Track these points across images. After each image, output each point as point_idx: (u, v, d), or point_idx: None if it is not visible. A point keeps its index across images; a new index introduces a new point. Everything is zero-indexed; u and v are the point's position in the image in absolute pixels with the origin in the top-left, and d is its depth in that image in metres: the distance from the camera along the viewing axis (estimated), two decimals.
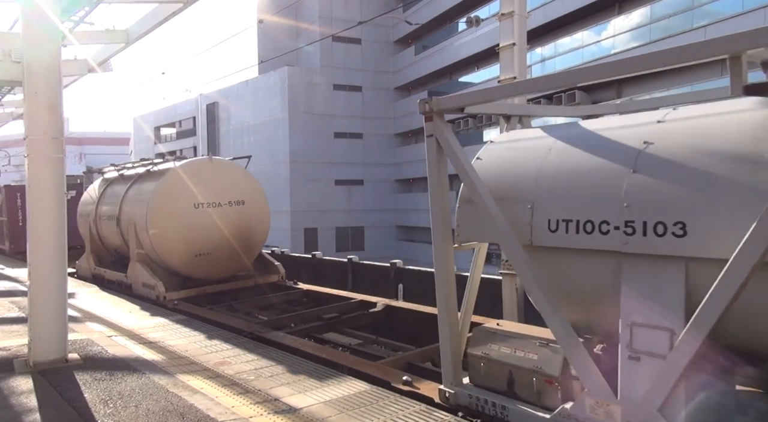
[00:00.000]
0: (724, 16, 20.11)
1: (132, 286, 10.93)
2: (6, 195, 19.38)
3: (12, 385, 5.27)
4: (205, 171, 11.04)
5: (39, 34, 5.84)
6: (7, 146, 42.44)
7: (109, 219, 11.94)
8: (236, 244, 10.96)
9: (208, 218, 10.64)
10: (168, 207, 10.44)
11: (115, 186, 12.61)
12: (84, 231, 13.36)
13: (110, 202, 12.27)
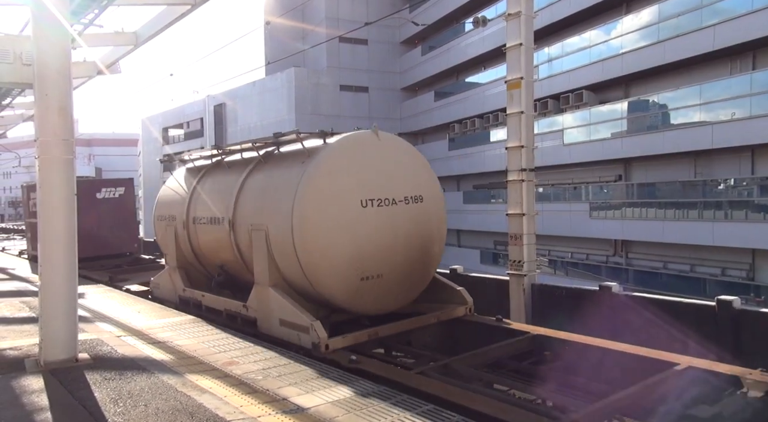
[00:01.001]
0: (733, 14, 19.94)
1: (258, 322, 7.62)
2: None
3: (23, 384, 5.33)
4: (370, 151, 7.39)
5: (49, 36, 5.90)
6: (18, 147, 42.84)
7: (214, 224, 8.68)
8: (415, 259, 7.50)
9: (380, 223, 7.13)
10: (325, 206, 6.86)
11: (217, 177, 9.24)
12: (165, 238, 10.23)
13: (213, 199, 8.92)
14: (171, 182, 10.70)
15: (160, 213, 10.51)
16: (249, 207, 7.84)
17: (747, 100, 19.82)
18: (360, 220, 6.90)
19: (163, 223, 10.23)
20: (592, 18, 26.36)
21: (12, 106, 15.26)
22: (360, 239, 6.90)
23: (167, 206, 10.29)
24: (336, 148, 7.11)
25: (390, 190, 7.22)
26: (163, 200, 10.65)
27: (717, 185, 22.14)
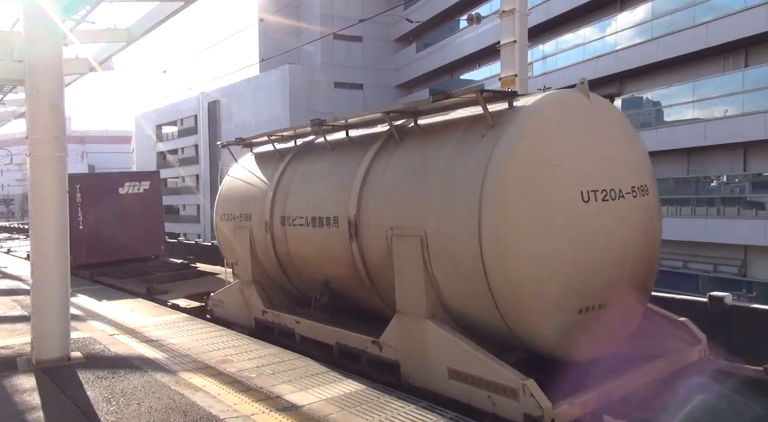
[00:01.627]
0: (727, 10, 20.03)
1: (402, 367, 5.48)
2: None
3: (15, 383, 5.30)
4: (582, 119, 5.09)
5: (40, 33, 5.85)
6: (9, 144, 42.56)
7: (318, 225, 6.54)
8: (640, 278, 5.30)
9: (606, 225, 4.93)
10: (533, 200, 4.65)
11: (317, 163, 7.15)
12: (234, 243, 8.25)
13: (316, 192, 6.79)
14: (239, 172, 8.65)
15: (225, 211, 8.52)
16: (385, 203, 5.64)
17: (740, 98, 19.94)
18: (581, 221, 4.68)
19: (231, 224, 8.23)
20: (586, 15, 26.41)
21: (3, 103, 15.15)
22: (581, 250, 4.66)
23: (238, 202, 8.23)
24: (538, 114, 4.82)
25: (614, 176, 4.95)
26: (230, 195, 8.51)
27: (710, 181, 22.27)
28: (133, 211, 14.30)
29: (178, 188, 53.03)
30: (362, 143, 6.52)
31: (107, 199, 14.05)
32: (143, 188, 14.61)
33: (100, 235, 13.52)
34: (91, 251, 13.30)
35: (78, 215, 13.46)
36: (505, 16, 9.79)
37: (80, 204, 13.59)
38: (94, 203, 13.79)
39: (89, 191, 13.78)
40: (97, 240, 13.42)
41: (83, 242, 12.88)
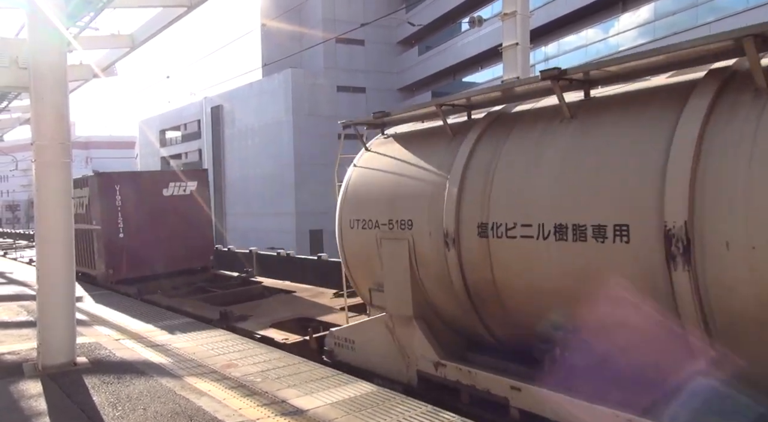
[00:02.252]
0: (730, 11, 20.00)
1: None
2: (100, 189, 12.10)
3: (22, 389, 5.31)
4: None
5: (45, 40, 5.89)
6: (15, 150, 42.76)
7: (568, 240, 4.13)
8: None
9: None
10: None
11: (551, 139, 4.52)
12: (377, 260, 6.04)
13: (562, 186, 4.27)
14: (374, 160, 6.41)
15: (357, 215, 6.26)
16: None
17: None
18: None
19: (369, 234, 5.99)
20: (587, 17, 26.42)
21: (8, 109, 15.23)
22: None
23: (381, 202, 5.95)
24: None
25: None
26: (364, 193, 6.31)
27: None
28: (179, 215, 12.62)
29: None
30: (667, 97, 3.90)
31: (150, 202, 12.36)
32: (190, 188, 12.93)
33: (143, 244, 11.97)
34: (133, 263, 11.92)
35: (118, 221, 11.94)
36: (506, 19, 9.80)
37: (120, 208, 11.93)
38: (136, 207, 12.15)
39: (130, 194, 12.14)
40: (140, 250, 11.90)
41: (124, 252, 11.82)
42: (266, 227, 38.89)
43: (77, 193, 12.46)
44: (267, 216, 39.45)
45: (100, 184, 12.12)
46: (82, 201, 12.93)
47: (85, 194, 12.84)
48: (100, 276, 12.38)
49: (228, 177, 45.69)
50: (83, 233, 12.33)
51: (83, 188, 12.89)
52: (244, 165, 43.25)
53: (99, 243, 12.29)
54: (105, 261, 12.10)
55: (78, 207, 12.77)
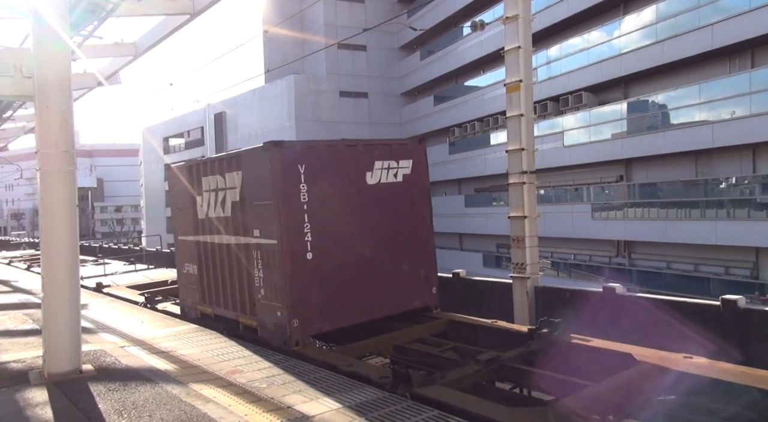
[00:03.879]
0: (733, 11, 19.95)
1: None
2: (275, 173, 7.12)
3: (28, 397, 5.32)
4: None
5: (49, 49, 5.93)
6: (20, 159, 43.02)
7: None
8: None
9: None
10: None
11: None
12: None
13: None
14: None
15: None
16: None
17: (747, 99, 19.81)
18: None
19: None
20: (589, 19, 26.42)
21: (13, 118, 15.32)
22: None
23: None
24: None
25: None
26: None
27: (719, 184, 22.11)
28: (389, 219, 7.90)
29: None
30: None
31: (349, 196, 7.56)
32: (402, 172, 8.04)
33: (342, 271, 7.39)
34: (330, 304, 7.22)
35: (303, 230, 7.01)
36: (508, 22, 9.81)
37: (306, 208, 7.03)
38: (327, 205, 7.29)
39: (321, 182, 7.24)
40: (338, 282, 7.31)
41: (315, 286, 7.09)
42: None
43: (212, 183, 8.21)
44: None
45: (276, 163, 6.92)
46: (224, 196, 8.02)
47: (232, 184, 7.85)
48: (271, 330, 7.21)
49: None
50: (226, 252, 8.07)
51: (231, 173, 7.84)
52: None
53: (269, 270, 7.17)
54: (283, 303, 6.93)
55: (213, 206, 8.26)
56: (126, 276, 15.42)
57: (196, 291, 8.99)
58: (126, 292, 12.33)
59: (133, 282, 13.82)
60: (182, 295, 9.58)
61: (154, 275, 15.28)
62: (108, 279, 14.43)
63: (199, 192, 8.64)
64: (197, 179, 8.72)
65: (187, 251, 9.19)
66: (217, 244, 8.37)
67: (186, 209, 9.17)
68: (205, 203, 8.56)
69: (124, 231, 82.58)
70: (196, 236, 8.90)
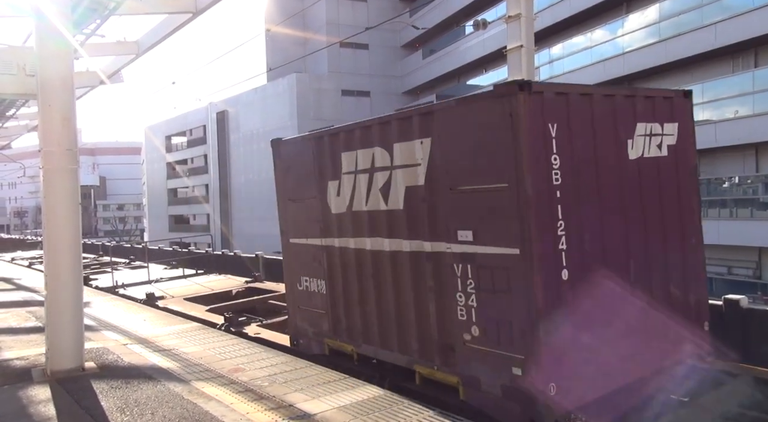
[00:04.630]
0: (736, 11, 19.89)
1: None
2: (524, 136, 4.38)
3: (30, 394, 5.34)
4: None
5: (52, 47, 5.94)
6: (23, 157, 43.13)
7: None
8: None
9: None
10: None
11: None
12: None
13: None
14: None
15: None
16: None
17: (750, 98, 19.77)
18: None
19: None
20: (592, 18, 26.36)
21: (16, 116, 15.35)
22: None
23: None
24: None
25: None
26: None
27: (721, 183, 22.06)
28: (652, 215, 5.43)
29: (188, 198, 53.40)
30: None
31: (604, 177, 5.01)
32: (666, 142, 5.57)
33: (607, 298, 4.80)
34: (595, 356, 4.65)
35: (557, 233, 4.57)
36: (511, 21, 9.79)
37: (560, 196, 4.57)
38: (582, 191, 4.81)
39: (574, 156, 4.74)
40: (603, 316, 4.76)
41: (577, 325, 4.56)
42: (272, 231, 38.90)
43: (363, 160, 5.89)
44: (273, 220, 39.45)
45: (522, 119, 4.44)
46: (388, 179, 5.65)
47: (407, 159, 5.42)
48: (493, 394, 4.79)
49: (234, 182, 45.85)
50: (388, 263, 5.76)
51: (407, 143, 5.41)
52: (250, 170, 43.39)
53: (494, 298, 4.73)
54: (527, 353, 4.50)
55: (362, 194, 5.93)
56: (175, 284, 12.71)
57: (323, 318, 6.60)
58: (190, 308, 9.88)
59: (190, 293, 11.36)
60: (295, 320, 7.21)
61: (208, 282, 12.76)
62: (155, 287, 11.92)
63: (334, 175, 6.24)
64: (331, 156, 6.30)
65: (306, 260, 6.81)
66: (368, 251, 5.89)
67: (306, 201, 6.76)
68: (345, 190, 6.11)
69: (126, 229, 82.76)
70: (325, 239, 6.46)
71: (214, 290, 11.63)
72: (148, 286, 12.22)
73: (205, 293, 11.39)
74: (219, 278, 13.47)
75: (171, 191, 56.41)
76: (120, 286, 12.65)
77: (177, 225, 55.11)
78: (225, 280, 12.95)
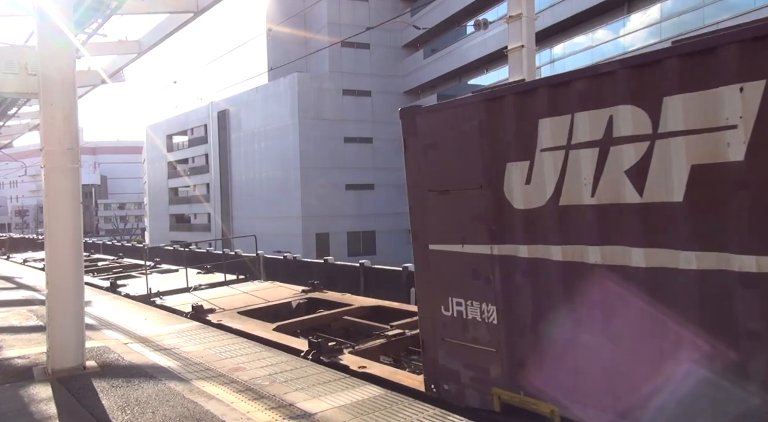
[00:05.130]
0: (737, 11, 19.90)
1: None
2: None
3: (31, 393, 5.35)
4: None
5: (53, 47, 5.95)
6: (24, 156, 43.19)
7: None
8: None
9: None
10: None
11: None
12: None
13: None
14: None
15: None
16: None
17: None
18: None
19: None
20: (593, 18, 26.38)
21: (18, 115, 15.36)
22: None
23: None
24: None
25: None
26: None
27: None
28: None
29: (189, 197, 53.46)
30: None
31: None
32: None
33: None
34: None
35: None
36: (511, 21, 9.80)
37: None
38: None
39: None
40: None
41: None
42: (273, 230, 39.01)
43: (593, 126, 3.93)
44: (273, 219, 39.59)
45: None
46: (659, 150, 3.59)
47: (699, 121, 3.39)
48: None
49: (234, 181, 45.88)
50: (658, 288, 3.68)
51: (707, 92, 3.35)
52: (251, 169, 43.44)
53: None
54: None
55: (587, 179, 3.99)
56: (218, 293, 10.94)
57: (491, 358, 4.73)
58: (250, 325, 8.13)
59: (241, 305, 9.58)
60: (435, 357, 5.25)
61: (257, 291, 10.93)
62: (196, 296, 10.47)
63: (521, 153, 4.37)
64: (518, 125, 4.41)
65: (459, 275, 4.95)
66: (593, 266, 3.97)
67: (464, 192, 4.86)
68: (545, 174, 4.24)
69: (127, 228, 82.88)
70: (499, 246, 4.60)
71: (269, 301, 9.80)
72: (187, 295, 10.68)
73: (259, 305, 9.58)
74: (266, 285, 11.77)
75: (172, 190, 56.52)
76: (155, 294, 10.89)
77: (178, 224, 55.23)
78: (275, 288, 11.19)
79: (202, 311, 8.98)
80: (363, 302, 9.48)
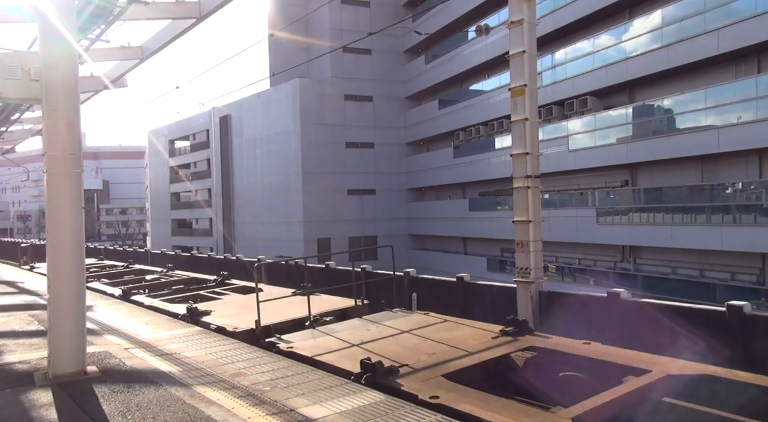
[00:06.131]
0: (738, 16, 19.91)
1: None
2: None
3: (32, 398, 5.34)
4: None
5: (56, 53, 5.97)
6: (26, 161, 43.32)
7: None
8: None
9: None
10: None
11: None
12: None
13: None
14: None
15: None
16: None
17: (753, 104, 19.76)
18: None
19: None
20: (595, 24, 26.43)
21: (20, 121, 15.43)
22: None
23: None
24: None
25: None
26: None
27: (725, 189, 22.03)
28: None
29: (191, 202, 53.53)
30: None
31: None
32: None
33: None
34: None
35: None
36: (513, 27, 9.82)
37: None
38: None
39: None
40: None
41: None
42: (274, 235, 39.03)
43: None
44: (275, 225, 39.62)
45: None
46: None
47: None
48: None
49: (236, 186, 45.93)
50: None
51: None
52: (252, 174, 43.50)
53: None
54: None
55: None
56: (357, 332, 7.27)
57: None
58: (482, 409, 4.62)
59: (427, 359, 5.95)
60: None
61: (422, 329, 7.16)
62: (339, 342, 6.86)
63: None
64: None
65: None
66: None
67: None
68: None
69: (129, 233, 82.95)
70: None
71: (469, 351, 6.12)
72: (311, 332, 7.44)
73: (455, 358, 5.96)
74: (410, 316, 8.05)
75: (174, 195, 56.61)
76: (275, 337, 7.29)
77: (179, 229, 55.27)
78: (442, 324, 7.42)
79: (382, 372, 5.44)
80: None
